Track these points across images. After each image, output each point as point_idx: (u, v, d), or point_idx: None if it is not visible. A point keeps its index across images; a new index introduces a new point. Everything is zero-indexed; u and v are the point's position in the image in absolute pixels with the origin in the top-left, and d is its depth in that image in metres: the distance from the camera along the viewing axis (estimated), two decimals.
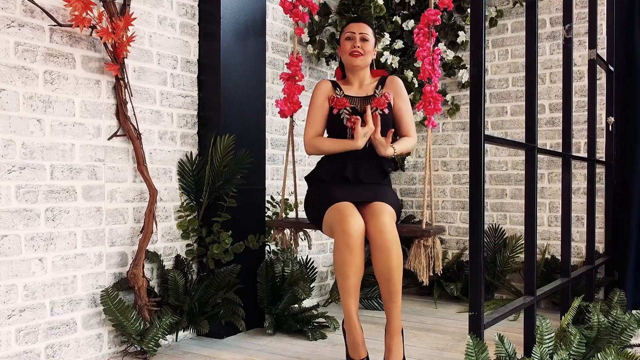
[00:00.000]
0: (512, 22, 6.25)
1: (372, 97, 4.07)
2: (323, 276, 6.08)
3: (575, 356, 3.48)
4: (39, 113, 3.68)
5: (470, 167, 3.06)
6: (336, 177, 3.99)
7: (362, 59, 4.06)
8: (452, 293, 5.96)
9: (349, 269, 3.57)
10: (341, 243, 3.56)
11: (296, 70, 4.41)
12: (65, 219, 3.84)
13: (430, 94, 3.95)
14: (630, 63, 5.42)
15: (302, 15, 4.42)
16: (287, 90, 4.39)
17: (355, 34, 4.05)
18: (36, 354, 3.68)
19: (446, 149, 6.62)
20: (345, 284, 3.60)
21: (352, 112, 4.00)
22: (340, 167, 3.98)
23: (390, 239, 3.55)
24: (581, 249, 5.76)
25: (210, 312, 4.52)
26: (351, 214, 3.59)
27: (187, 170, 4.60)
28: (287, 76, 4.42)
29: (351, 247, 3.53)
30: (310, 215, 4.04)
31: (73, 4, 3.62)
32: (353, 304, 3.66)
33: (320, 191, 3.98)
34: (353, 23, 4.13)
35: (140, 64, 4.32)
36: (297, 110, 4.41)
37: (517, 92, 6.21)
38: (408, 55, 6.35)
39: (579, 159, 4.85)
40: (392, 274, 3.57)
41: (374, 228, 3.58)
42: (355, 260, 3.56)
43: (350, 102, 4.04)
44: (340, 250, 3.57)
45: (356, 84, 4.17)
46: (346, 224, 3.55)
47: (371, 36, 4.11)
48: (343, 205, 3.69)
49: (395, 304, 3.66)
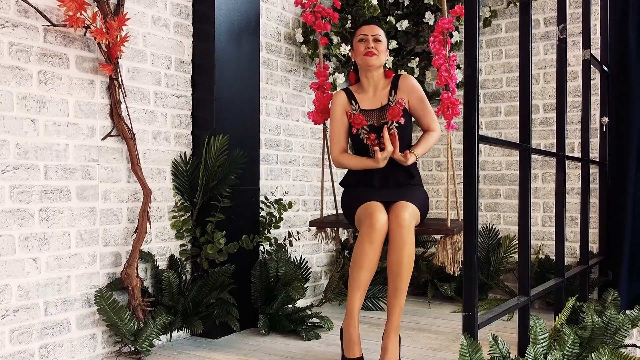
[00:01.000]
0: (506, 22, 6.26)
1: (387, 106, 4.13)
2: (317, 276, 6.08)
3: (569, 356, 3.48)
4: (33, 113, 3.68)
5: (465, 167, 3.07)
6: (364, 184, 4.10)
7: (377, 59, 4.10)
8: (446, 293, 5.97)
9: (365, 260, 3.70)
10: (365, 235, 3.70)
11: (324, 80, 4.48)
12: (59, 219, 3.84)
13: (448, 100, 4.03)
14: (624, 63, 5.42)
15: (324, 26, 4.50)
16: (317, 102, 4.47)
17: (367, 36, 4.10)
18: (30, 354, 3.68)
19: (440, 149, 6.63)
20: (357, 277, 3.74)
21: (369, 131, 4.08)
22: (368, 176, 4.10)
23: (405, 234, 3.67)
24: (575, 249, 5.77)
25: (204, 312, 4.52)
26: (378, 211, 3.73)
27: (181, 171, 4.60)
28: (316, 85, 4.50)
29: (373, 239, 3.67)
30: (345, 213, 4.17)
31: (67, 4, 3.62)
32: (358, 301, 3.78)
33: (353, 193, 4.11)
34: (365, 26, 4.18)
35: (134, 64, 4.31)
36: (327, 118, 4.48)
37: (511, 92, 6.22)
38: (402, 56, 6.35)
39: (573, 159, 4.86)
40: (401, 267, 3.66)
41: (394, 223, 3.70)
42: (374, 253, 3.70)
43: (366, 118, 4.12)
44: (361, 242, 3.71)
45: (370, 90, 4.21)
46: (372, 218, 3.70)
47: (383, 37, 4.16)
48: (371, 203, 3.82)
49: (398, 302, 3.73)
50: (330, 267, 6.24)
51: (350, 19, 5.81)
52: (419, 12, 6.23)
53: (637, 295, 5.26)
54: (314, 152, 6.05)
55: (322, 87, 4.46)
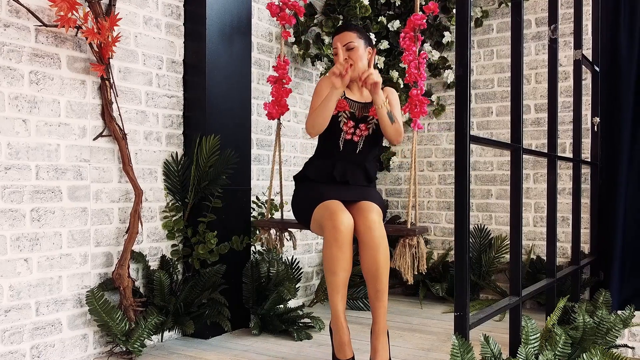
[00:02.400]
0: (497, 23, 6.27)
1: (371, 104, 4.06)
2: (308, 276, 6.08)
3: (561, 356, 3.49)
4: (25, 113, 3.67)
5: (456, 168, 3.07)
6: (324, 176, 4.01)
7: (354, 69, 3.95)
8: (438, 293, 5.97)
9: (337, 265, 3.59)
10: (331, 239, 3.58)
11: (283, 73, 4.40)
12: (51, 219, 3.83)
13: (416, 97, 3.98)
14: (616, 63, 5.43)
15: (288, 19, 4.44)
16: (274, 93, 4.39)
17: (338, 49, 3.89)
18: (21, 355, 3.67)
19: (431, 150, 6.63)
20: (333, 280, 3.63)
21: (349, 117, 4.00)
22: (329, 166, 4.01)
23: (379, 236, 3.59)
24: (567, 249, 5.78)
25: (196, 312, 4.52)
26: (340, 211, 3.62)
27: (172, 171, 4.59)
28: (274, 79, 4.42)
29: (340, 242, 3.56)
30: (297, 213, 4.05)
31: (58, 5, 3.61)
32: (340, 302, 3.68)
33: (308, 190, 4.00)
34: (335, 36, 4.08)
35: (126, 64, 4.31)
36: (284, 112, 4.42)
37: (502, 92, 6.23)
38: (393, 56, 6.35)
39: (564, 159, 4.86)
40: (379, 270, 3.60)
41: (363, 225, 3.61)
42: (344, 256, 3.58)
43: (350, 106, 4.03)
44: (329, 246, 3.59)
45: (355, 89, 4.16)
46: (336, 219, 3.57)
47: (357, 39, 4.03)
48: (332, 202, 3.71)
49: (382, 303, 3.68)
50: (321, 267, 6.24)
51: (342, 19, 5.81)
52: (410, 12, 6.23)
53: (628, 295, 5.27)
54: (306, 152, 6.04)
55: (280, 80, 4.41)
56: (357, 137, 3.99)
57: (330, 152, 4.06)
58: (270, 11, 4.43)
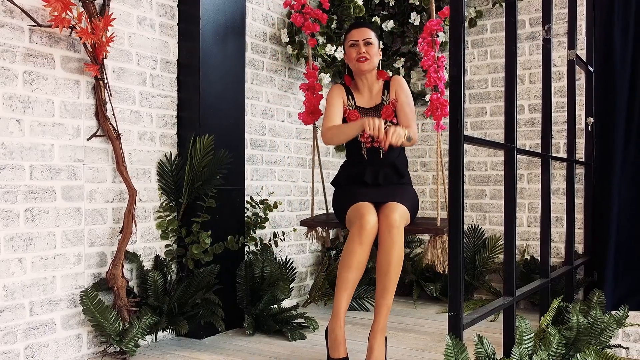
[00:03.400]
0: (491, 23, 6.27)
1: (380, 105, 4.20)
2: (302, 277, 6.08)
3: (555, 357, 3.49)
4: (19, 113, 3.66)
5: (450, 168, 3.07)
6: (357, 181, 4.16)
7: (369, 63, 4.15)
8: (432, 293, 5.98)
9: (354, 260, 3.73)
10: (355, 234, 3.74)
11: (313, 81, 4.51)
12: (45, 220, 3.82)
13: (437, 101, 4.12)
14: (610, 63, 5.42)
15: (313, 27, 4.57)
16: (307, 103, 4.50)
17: (358, 41, 4.14)
18: (15, 355, 3.67)
19: (426, 150, 6.64)
20: (345, 276, 3.76)
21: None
22: (360, 172, 4.16)
23: (395, 235, 3.71)
24: (560, 249, 5.78)
25: (190, 312, 4.51)
26: (368, 212, 3.76)
27: (166, 171, 4.59)
28: (306, 87, 4.53)
29: (363, 239, 3.71)
30: (336, 212, 4.20)
31: (52, 5, 3.60)
32: (345, 301, 3.78)
33: (345, 192, 4.14)
34: (354, 30, 4.21)
35: (120, 64, 4.31)
36: (318, 119, 4.54)
37: (496, 92, 6.24)
38: (387, 56, 6.36)
39: (558, 159, 4.86)
40: (390, 268, 3.70)
41: (384, 224, 3.74)
42: (363, 253, 3.74)
43: (361, 115, 4.17)
44: (351, 241, 3.74)
45: (365, 91, 4.27)
46: (363, 219, 3.72)
47: (374, 38, 4.19)
48: (362, 204, 3.86)
49: (386, 302, 3.75)
50: (315, 267, 6.24)
51: (336, 19, 5.81)
52: (404, 12, 6.23)
53: (622, 295, 5.27)
54: (300, 153, 6.04)
55: (312, 87, 4.49)
56: (377, 143, 4.10)
57: (358, 160, 4.23)
58: (294, 22, 4.59)
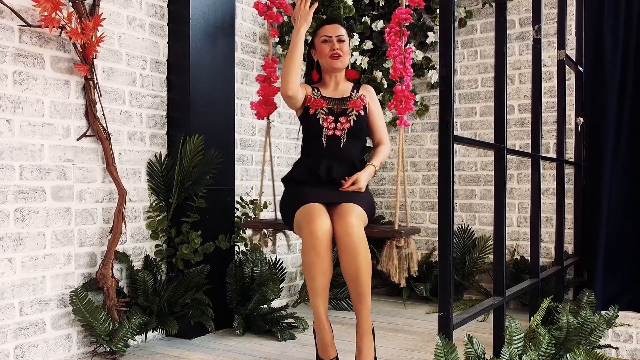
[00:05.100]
0: (481, 23, 6.28)
1: (348, 98, 4.09)
2: (292, 277, 6.08)
3: (545, 357, 3.50)
4: (8, 113, 3.65)
5: (440, 168, 3.07)
6: (310, 175, 3.98)
7: (342, 61, 4.09)
8: (422, 293, 5.98)
9: (316, 271, 3.55)
10: (308, 245, 3.54)
11: (271, 71, 4.41)
12: (35, 219, 3.82)
13: (401, 93, 3.92)
14: (599, 63, 5.43)
15: (276, 17, 4.44)
16: (262, 92, 4.37)
17: (332, 37, 4.07)
18: (5, 355, 3.66)
19: (415, 150, 6.64)
20: (313, 285, 3.60)
21: (328, 113, 4.01)
22: (314, 165, 3.98)
23: (357, 240, 3.52)
24: (550, 249, 5.80)
25: (179, 312, 4.51)
26: (319, 215, 3.58)
27: (156, 171, 4.59)
28: (262, 78, 4.41)
29: (318, 249, 3.51)
30: (283, 215, 4.01)
31: (42, 5, 3.60)
32: (322, 305, 3.66)
33: (293, 191, 3.97)
34: (327, 25, 4.15)
35: (110, 64, 4.30)
36: (272, 111, 4.42)
37: (486, 92, 6.25)
38: (377, 56, 6.36)
39: (548, 159, 4.88)
40: (359, 274, 3.55)
41: (341, 229, 3.56)
42: (322, 262, 3.54)
43: (326, 103, 4.06)
44: (307, 252, 3.56)
45: (332, 86, 4.18)
46: (313, 225, 3.53)
47: (346, 36, 4.15)
48: (312, 206, 3.68)
49: (364, 305, 3.64)
50: None
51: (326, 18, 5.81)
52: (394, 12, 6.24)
53: (612, 295, 5.28)
54: (289, 153, 6.04)
55: (268, 79, 4.41)
56: (340, 131, 3.98)
57: (315, 150, 4.05)
58: (257, 10, 4.41)
